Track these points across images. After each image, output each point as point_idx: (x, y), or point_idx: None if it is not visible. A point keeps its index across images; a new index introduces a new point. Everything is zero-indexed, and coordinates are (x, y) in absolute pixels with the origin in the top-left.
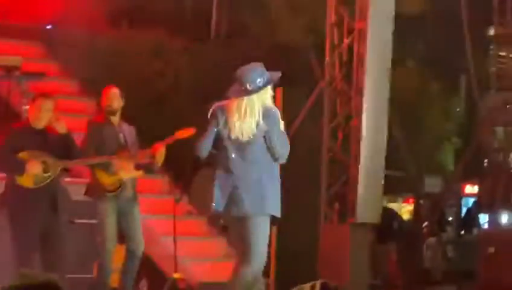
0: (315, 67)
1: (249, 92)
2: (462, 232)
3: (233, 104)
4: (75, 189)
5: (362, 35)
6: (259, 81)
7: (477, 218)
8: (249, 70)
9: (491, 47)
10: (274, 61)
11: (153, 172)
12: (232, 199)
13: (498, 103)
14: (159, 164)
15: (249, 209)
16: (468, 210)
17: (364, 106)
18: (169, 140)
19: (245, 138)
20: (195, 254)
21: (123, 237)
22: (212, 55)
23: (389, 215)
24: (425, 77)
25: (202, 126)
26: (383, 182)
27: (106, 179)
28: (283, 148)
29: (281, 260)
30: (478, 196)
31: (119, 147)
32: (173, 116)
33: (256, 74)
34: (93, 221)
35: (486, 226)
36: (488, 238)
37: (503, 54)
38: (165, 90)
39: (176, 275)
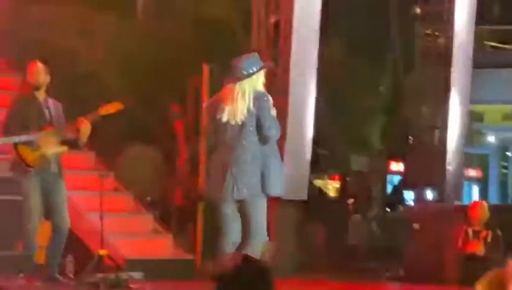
0: (242, 43)
1: (240, 78)
2: (388, 209)
3: (227, 90)
4: (0, 165)
5: (289, 11)
6: (251, 68)
7: (402, 195)
8: (242, 59)
9: (417, 25)
10: (201, 38)
11: (79, 148)
12: (230, 183)
13: (424, 79)
14: (84, 139)
15: (245, 192)
16: (394, 187)
17: (291, 82)
18: (95, 115)
19: (237, 121)
20: (122, 230)
21: (49, 213)
22: (139, 31)
23: (316, 193)
24: (352, 55)
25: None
26: (309, 159)
27: (29, 155)
28: (272, 130)
29: (207, 236)
30: (403, 173)
31: (44, 123)
32: (101, 92)
33: (250, 61)
34: (19, 197)
35: (411, 203)
36: (413, 215)
37: (428, 31)
38: (93, 66)
39: (102, 252)
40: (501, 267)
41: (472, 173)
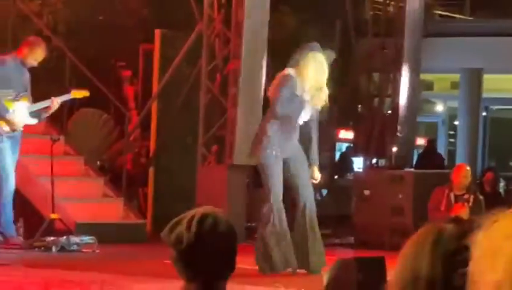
0: (194, 9)
1: None
2: (336, 176)
3: None
4: None
5: None
6: None
7: (351, 162)
8: None
9: None
10: (153, 3)
11: (40, 119)
12: None
13: (374, 48)
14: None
15: None
16: (342, 155)
17: (243, 47)
18: (66, 97)
19: None
20: (72, 194)
21: None
22: None
23: None
24: (301, 22)
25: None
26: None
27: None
28: None
29: (158, 201)
30: (353, 140)
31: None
32: (50, 55)
33: None
34: None
35: (360, 170)
36: (361, 182)
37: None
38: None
39: (53, 216)
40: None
41: (420, 141)
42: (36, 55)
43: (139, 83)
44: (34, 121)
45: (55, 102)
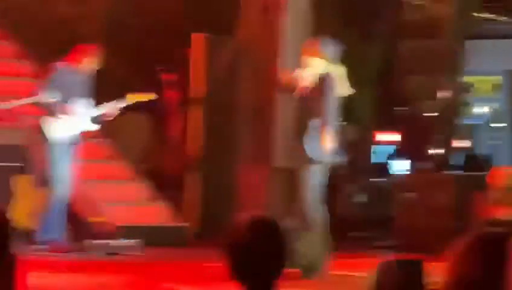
0: (235, 13)
1: None
2: (375, 179)
3: None
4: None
5: None
6: None
7: (391, 165)
8: None
9: None
10: (194, 7)
11: (98, 123)
12: None
13: (416, 50)
14: None
15: None
16: (381, 157)
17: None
18: (130, 100)
19: None
20: (116, 198)
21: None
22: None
23: None
24: (342, 24)
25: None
26: None
27: None
28: None
29: (201, 204)
30: (392, 142)
31: None
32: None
33: None
34: (15, 164)
35: (401, 173)
36: (401, 184)
37: (420, 2)
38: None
39: (97, 219)
40: None
41: (461, 143)
42: (88, 63)
43: (181, 87)
44: (94, 127)
45: (116, 107)
